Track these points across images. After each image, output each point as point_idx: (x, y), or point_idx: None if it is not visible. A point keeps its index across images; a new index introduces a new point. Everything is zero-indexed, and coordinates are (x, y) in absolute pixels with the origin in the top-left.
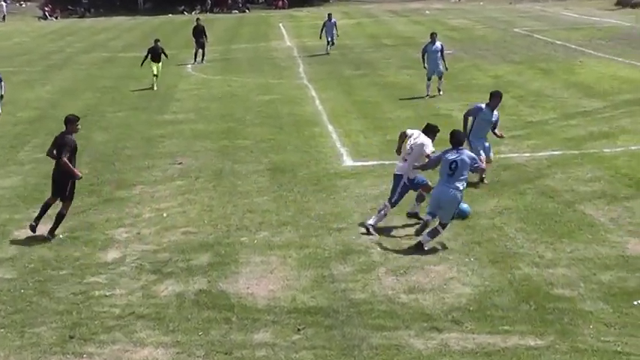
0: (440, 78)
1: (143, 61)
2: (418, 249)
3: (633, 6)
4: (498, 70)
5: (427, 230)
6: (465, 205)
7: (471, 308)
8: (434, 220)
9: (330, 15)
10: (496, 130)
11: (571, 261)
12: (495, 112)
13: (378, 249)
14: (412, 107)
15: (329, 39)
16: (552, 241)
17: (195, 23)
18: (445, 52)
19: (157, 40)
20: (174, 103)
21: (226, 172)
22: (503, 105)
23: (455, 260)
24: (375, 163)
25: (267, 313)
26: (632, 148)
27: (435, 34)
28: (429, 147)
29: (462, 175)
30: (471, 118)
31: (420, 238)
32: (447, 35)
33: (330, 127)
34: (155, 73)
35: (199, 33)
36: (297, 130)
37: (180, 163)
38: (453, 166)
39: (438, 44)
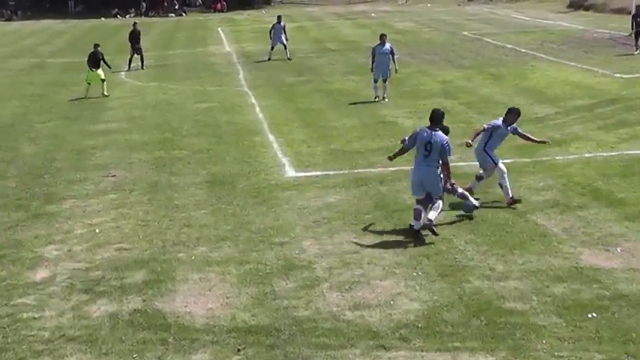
0: (385, 81)
1: (90, 68)
2: (428, 231)
3: (586, 8)
4: (446, 75)
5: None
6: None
7: (420, 325)
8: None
9: (279, 17)
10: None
11: (523, 273)
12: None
13: (322, 264)
14: (357, 115)
15: (276, 43)
16: (503, 252)
17: (131, 28)
18: (395, 55)
19: (96, 45)
20: (106, 112)
21: (162, 184)
22: (450, 111)
23: (402, 274)
24: (318, 173)
25: (205, 333)
26: (585, 155)
27: (385, 35)
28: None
29: (437, 155)
30: (483, 133)
31: (424, 222)
32: (393, 39)
33: (271, 137)
34: (88, 81)
35: (136, 38)
36: (237, 139)
37: (113, 176)
38: (428, 147)
39: (387, 46)
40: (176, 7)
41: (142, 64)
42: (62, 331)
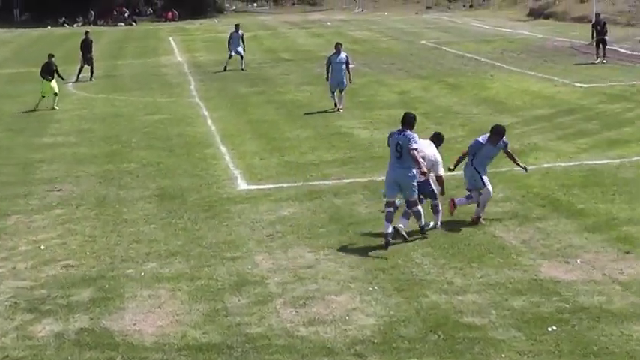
0: (341, 91)
1: (44, 79)
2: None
3: (546, 17)
4: (404, 85)
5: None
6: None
7: (376, 340)
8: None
9: (237, 26)
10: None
11: (481, 287)
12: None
13: (276, 279)
14: (312, 126)
15: (232, 53)
16: (461, 265)
17: (83, 36)
18: (351, 65)
19: (50, 56)
20: (53, 124)
21: (110, 199)
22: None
23: (357, 289)
24: (271, 186)
25: (155, 352)
26: (545, 166)
27: (340, 44)
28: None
29: (409, 159)
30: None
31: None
32: (350, 48)
33: (223, 149)
34: (43, 93)
35: (87, 47)
36: (188, 152)
37: (59, 190)
38: (398, 148)
39: (343, 55)
40: (126, 15)
41: (92, 75)
42: (6, 352)
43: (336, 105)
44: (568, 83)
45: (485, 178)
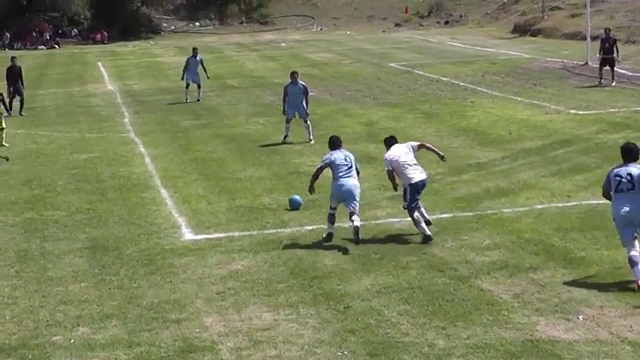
0: (305, 120)
1: None
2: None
3: (533, 34)
4: (372, 114)
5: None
6: (297, 197)
7: None
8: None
9: (195, 50)
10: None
11: (468, 349)
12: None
13: (228, 344)
14: (266, 164)
15: (190, 81)
16: (444, 325)
17: (9, 62)
18: (310, 93)
19: None
20: None
21: (33, 252)
22: (377, 158)
23: (324, 355)
24: (221, 235)
25: None
26: (537, 207)
27: (296, 73)
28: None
29: (354, 169)
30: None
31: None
32: (307, 73)
33: (164, 192)
34: None
35: (15, 75)
36: (123, 196)
37: None
38: (347, 159)
39: (300, 84)
40: (48, 37)
41: (22, 108)
42: None
43: (286, 136)
44: (561, 110)
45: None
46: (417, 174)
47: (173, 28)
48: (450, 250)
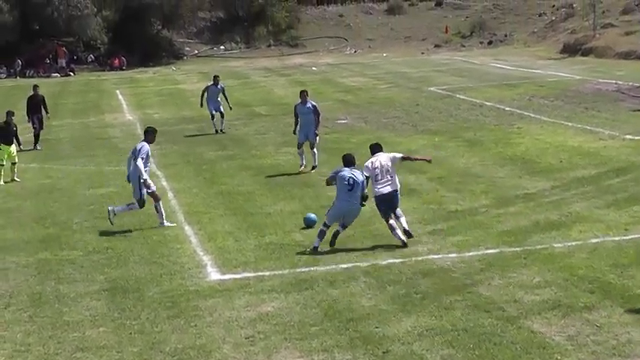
0: (313, 147)
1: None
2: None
3: (584, 53)
4: (410, 143)
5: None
6: (312, 215)
7: None
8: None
9: (216, 78)
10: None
11: None
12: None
13: None
14: (298, 197)
15: (213, 111)
16: None
17: (31, 92)
18: (341, 120)
19: (10, 113)
20: None
21: (47, 295)
22: (417, 190)
23: None
24: (250, 274)
25: None
26: (592, 241)
27: (306, 92)
28: (397, 154)
29: (358, 190)
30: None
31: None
32: (340, 99)
33: (188, 229)
34: (1, 161)
35: (37, 106)
36: (144, 234)
37: None
38: (351, 181)
39: (309, 104)
40: (63, 64)
41: (37, 142)
42: None
43: (303, 164)
44: (616, 136)
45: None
46: (384, 187)
47: (196, 52)
48: (497, 288)
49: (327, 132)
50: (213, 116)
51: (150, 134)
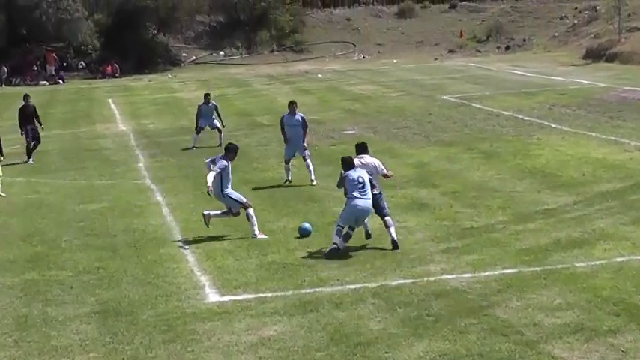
0: (305, 159)
1: None
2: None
3: (609, 59)
4: (422, 155)
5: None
6: (307, 225)
7: None
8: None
9: (207, 96)
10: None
11: None
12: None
13: None
14: (302, 213)
15: (202, 126)
16: None
17: (22, 102)
18: (348, 131)
19: None
20: None
21: (34, 318)
22: (429, 205)
23: None
24: (251, 296)
25: None
26: (616, 260)
27: (295, 103)
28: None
29: (368, 187)
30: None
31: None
32: (348, 108)
33: (186, 247)
34: None
35: (29, 117)
36: (138, 252)
37: None
38: (360, 179)
39: (298, 116)
40: (52, 71)
41: (30, 156)
42: None
43: (287, 180)
44: None
45: None
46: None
47: (194, 58)
48: (515, 310)
49: (334, 143)
50: (199, 131)
51: (231, 152)
